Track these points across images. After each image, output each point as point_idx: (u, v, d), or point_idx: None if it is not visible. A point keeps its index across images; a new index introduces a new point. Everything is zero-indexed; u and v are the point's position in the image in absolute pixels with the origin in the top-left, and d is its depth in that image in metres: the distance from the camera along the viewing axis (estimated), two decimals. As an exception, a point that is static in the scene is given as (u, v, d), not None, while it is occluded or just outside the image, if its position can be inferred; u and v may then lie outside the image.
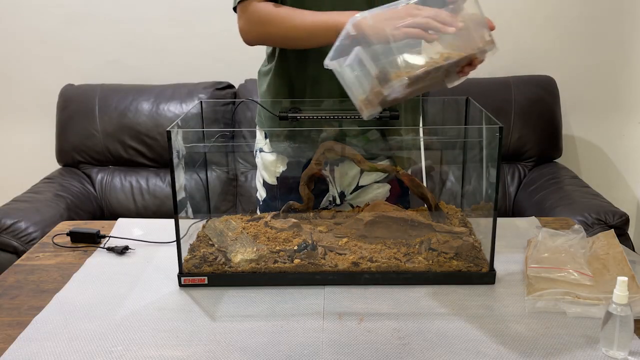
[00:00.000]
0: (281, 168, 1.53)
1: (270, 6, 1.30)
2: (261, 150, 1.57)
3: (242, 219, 1.41)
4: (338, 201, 1.52)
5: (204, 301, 1.21)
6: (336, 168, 1.49)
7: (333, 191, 1.51)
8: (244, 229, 1.34)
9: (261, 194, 1.59)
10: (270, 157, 1.53)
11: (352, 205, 1.53)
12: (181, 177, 1.29)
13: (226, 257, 1.28)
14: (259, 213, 1.52)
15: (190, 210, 1.38)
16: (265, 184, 1.56)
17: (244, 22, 1.33)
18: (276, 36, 1.33)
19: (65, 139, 2.71)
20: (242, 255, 1.26)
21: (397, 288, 1.24)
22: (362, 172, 1.49)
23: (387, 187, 1.52)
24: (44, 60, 2.83)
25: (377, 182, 1.52)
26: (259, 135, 1.57)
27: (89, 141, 2.69)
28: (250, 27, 1.33)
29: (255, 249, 1.27)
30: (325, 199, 1.52)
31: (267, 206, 1.56)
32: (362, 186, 1.52)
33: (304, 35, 1.28)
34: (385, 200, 1.49)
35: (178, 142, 1.26)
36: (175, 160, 1.22)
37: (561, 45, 2.77)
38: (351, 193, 1.52)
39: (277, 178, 1.53)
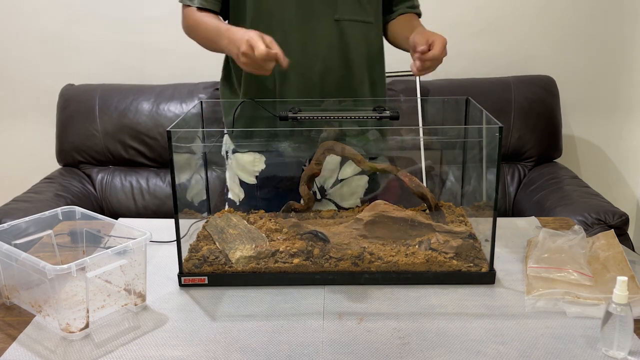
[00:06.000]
0: (260, 167, 1.53)
1: (196, 15, 1.47)
2: (235, 151, 1.58)
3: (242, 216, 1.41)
4: (318, 196, 1.53)
5: (204, 301, 1.21)
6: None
7: (313, 187, 1.52)
8: (245, 225, 1.34)
9: (238, 195, 1.59)
10: (247, 157, 1.54)
11: (334, 203, 1.53)
12: (183, 179, 1.29)
13: (227, 257, 1.28)
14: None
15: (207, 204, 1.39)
16: (243, 184, 1.57)
17: (182, 22, 1.53)
18: (197, 41, 1.50)
19: (66, 139, 2.71)
20: (240, 252, 1.26)
21: (397, 288, 1.24)
22: (341, 165, 1.51)
23: (365, 178, 1.53)
24: (44, 60, 2.83)
25: (357, 174, 1.53)
26: (227, 137, 1.60)
27: (89, 141, 2.69)
28: (184, 28, 1.53)
29: (254, 246, 1.27)
30: None
31: (247, 206, 1.56)
32: (342, 180, 1.52)
33: (208, 44, 1.46)
34: (385, 201, 1.49)
35: (181, 143, 1.26)
36: (177, 162, 1.22)
37: (561, 45, 2.77)
38: (331, 187, 1.53)
39: (257, 177, 1.54)
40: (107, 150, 2.70)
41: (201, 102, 1.54)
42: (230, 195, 1.63)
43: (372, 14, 1.49)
